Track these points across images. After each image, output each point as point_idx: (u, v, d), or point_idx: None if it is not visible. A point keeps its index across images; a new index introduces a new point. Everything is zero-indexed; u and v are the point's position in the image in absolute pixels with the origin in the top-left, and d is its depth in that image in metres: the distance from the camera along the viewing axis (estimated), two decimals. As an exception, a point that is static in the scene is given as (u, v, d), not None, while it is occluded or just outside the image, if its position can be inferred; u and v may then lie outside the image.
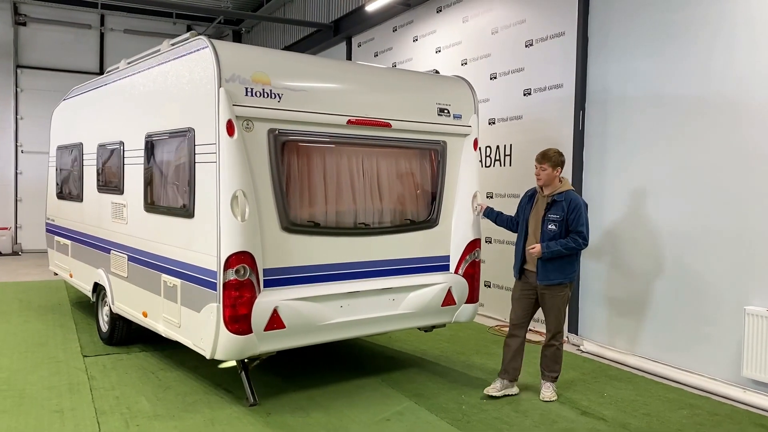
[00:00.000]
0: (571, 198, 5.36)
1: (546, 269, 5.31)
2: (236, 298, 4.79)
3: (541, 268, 5.31)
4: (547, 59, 7.89)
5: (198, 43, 5.05)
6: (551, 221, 5.33)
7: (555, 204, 5.36)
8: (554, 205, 5.36)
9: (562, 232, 5.29)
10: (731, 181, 5.81)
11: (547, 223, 5.34)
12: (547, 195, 5.44)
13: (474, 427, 4.91)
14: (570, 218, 5.29)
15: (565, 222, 5.29)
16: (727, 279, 5.81)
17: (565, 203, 5.32)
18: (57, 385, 5.72)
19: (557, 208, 5.33)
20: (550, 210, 5.36)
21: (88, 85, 7.84)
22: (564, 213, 5.29)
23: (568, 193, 5.40)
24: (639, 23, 6.71)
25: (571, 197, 5.36)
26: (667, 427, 4.96)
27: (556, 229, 5.29)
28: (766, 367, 5.42)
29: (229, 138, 4.76)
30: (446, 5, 9.79)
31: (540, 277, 5.31)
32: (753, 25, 5.63)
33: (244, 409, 5.19)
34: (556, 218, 5.31)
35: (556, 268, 5.31)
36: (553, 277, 5.31)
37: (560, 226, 5.29)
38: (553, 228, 5.30)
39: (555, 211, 5.33)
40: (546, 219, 5.36)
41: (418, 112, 5.87)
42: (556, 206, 5.34)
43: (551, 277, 5.31)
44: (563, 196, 5.37)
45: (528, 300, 5.51)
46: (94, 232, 7.33)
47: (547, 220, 5.35)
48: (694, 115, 6.15)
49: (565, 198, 5.35)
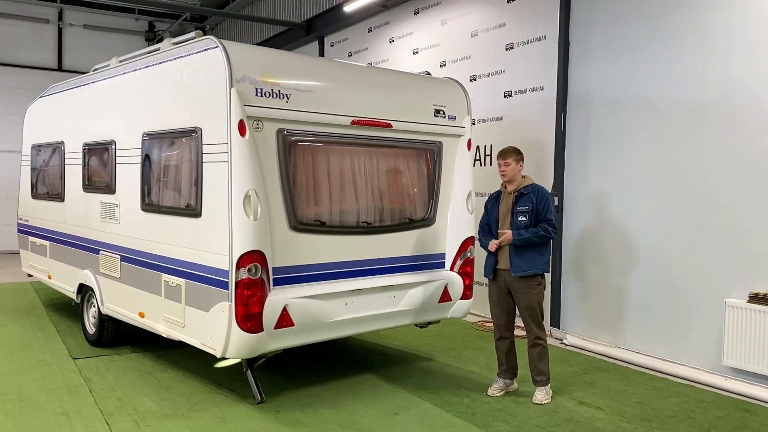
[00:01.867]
0: (538, 189, 5.52)
1: (519, 261, 5.40)
2: (249, 297, 4.83)
3: (515, 261, 5.40)
4: (528, 62, 8.14)
5: (206, 43, 5.06)
6: (521, 213, 5.44)
7: (523, 197, 5.49)
8: (522, 197, 5.48)
9: (532, 222, 5.41)
10: (709, 179, 6.14)
11: (517, 215, 5.44)
12: (512, 190, 5.56)
13: (479, 419, 5.08)
14: (539, 208, 5.42)
15: (534, 212, 5.43)
16: (708, 273, 6.15)
17: (533, 195, 5.47)
18: (54, 387, 5.63)
19: (525, 200, 5.46)
20: (518, 203, 5.48)
21: (71, 83, 7.69)
22: (533, 204, 5.43)
23: (534, 186, 5.56)
24: (620, 29, 7.00)
25: (538, 189, 5.53)
26: (660, 414, 5.23)
27: (527, 220, 5.41)
28: (745, 355, 5.76)
29: (241, 138, 4.80)
30: (423, 7, 9.96)
31: (514, 269, 5.40)
32: (730, 33, 5.97)
33: (252, 407, 5.23)
34: (525, 209, 5.44)
35: (528, 259, 5.41)
36: (527, 268, 5.40)
37: (530, 216, 5.41)
38: (524, 219, 5.42)
39: (524, 203, 5.46)
40: (515, 211, 5.47)
41: (416, 113, 6.01)
42: (524, 198, 5.48)
43: (524, 268, 5.40)
44: (530, 188, 5.52)
45: (506, 300, 5.60)
46: (79, 232, 7.20)
47: (516, 213, 5.46)
48: (673, 118, 6.47)
49: (532, 190, 5.50)
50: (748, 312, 5.73)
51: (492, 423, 5.00)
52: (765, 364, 5.62)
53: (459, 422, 5.01)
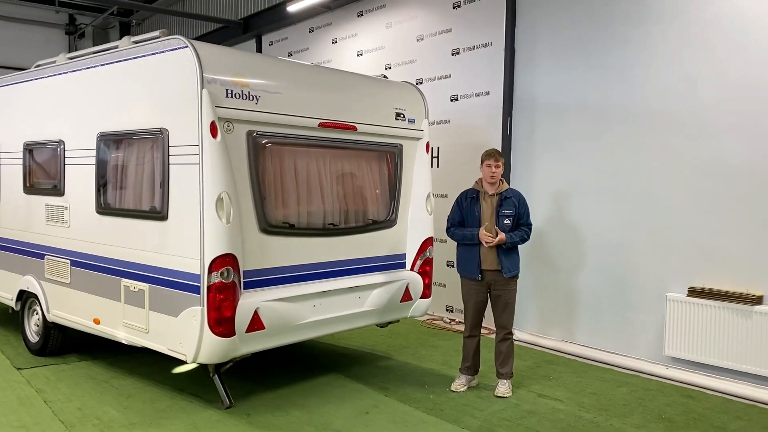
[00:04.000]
0: (518, 194, 5.80)
1: (507, 262, 5.66)
2: (221, 301, 4.78)
3: (504, 262, 5.65)
4: (474, 68, 8.38)
5: (174, 42, 4.95)
6: (506, 216, 5.69)
7: (506, 200, 5.73)
8: (506, 201, 5.73)
9: (514, 225, 5.71)
10: (649, 181, 6.55)
11: (502, 218, 5.69)
12: (494, 193, 5.80)
13: (448, 414, 5.23)
14: (521, 212, 5.71)
15: (516, 216, 5.71)
16: (650, 269, 6.56)
17: (515, 199, 5.74)
18: (4, 400, 5.35)
19: (509, 204, 5.72)
20: (503, 206, 5.72)
21: (6, 80, 7.27)
22: (516, 208, 5.70)
23: (513, 190, 5.83)
24: (564, 38, 7.34)
25: (518, 194, 5.81)
26: (614, 403, 5.55)
27: (510, 224, 5.69)
28: (684, 346, 6.19)
29: (213, 139, 4.74)
30: (368, 10, 10.05)
31: (505, 271, 5.65)
32: (668, 45, 6.39)
33: (221, 411, 5.17)
34: (510, 213, 5.69)
35: (513, 260, 5.71)
36: (513, 269, 5.69)
37: (513, 220, 5.69)
38: (508, 222, 5.68)
39: (507, 207, 5.71)
40: (501, 214, 5.70)
41: (378, 116, 6.10)
42: (507, 202, 5.73)
43: (512, 268, 5.68)
44: (511, 192, 5.78)
45: (483, 300, 5.82)
46: (19, 236, 6.85)
47: (501, 216, 5.70)
48: (614, 123, 6.85)
49: (513, 194, 5.77)
50: (687, 305, 6.16)
51: (461, 418, 5.16)
52: (703, 353, 6.06)
53: (430, 419, 5.14)
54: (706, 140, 6.13)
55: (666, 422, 5.15)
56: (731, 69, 5.95)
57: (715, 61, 6.06)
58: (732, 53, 5.94)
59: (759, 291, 5.78)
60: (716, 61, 6.05)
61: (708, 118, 6.11)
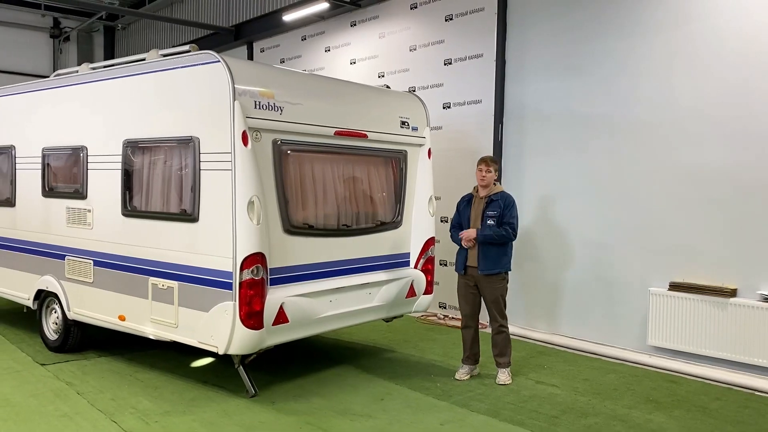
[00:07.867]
0: (506, 197, 6.27)
1: (486, 260, 6.11)
2: (252, 296, 5.17)
3: (482, 260, 6.10)
4: (466, 77, 8.88)
5: (206, 57, 5.33)
6: (490, 217, 6.14)
7: (492, 202, 6.18)
8: (492, 203, 6.18)
9: (498, 226, 6.12)
10: (632, 185, 7.11)
11: (486, 219, 6.14)
12: (484, 196, 6.26)
13: (458, 400, 5.69)
14: (504, 213, 6.15)
15: (500, 217, 6.14)
16: (633, 266, 7.12)
17: (501, 201, 6.19)
18: (39, 392, 5.65)
19: (494, 206, 6.17)
20: (488, 208, 6.17)
21: (23, 87, 7.52)
22: (500, 209, 6.14)
23: (503, 193, 6.31)
24: (553, 51, 7.88)
25: (506, 196, 6.27)
26: (605, 388, 6.09)
27: (494, 224, 6.11)
28: (666, 336, 6.76)
29: (244, 147, 5.14)
30: (361, 21, 10.48)
31: (481, 268, 6.10)
32: (651, 59, 6.96)
33: (247, 400, 5.55)
34: (494, 214, 6.13)
35: (493, 259, 6.12)
36: (491, 267, 6.12)
37: (497, 221, 6.12)
38: (491, 223, 6.11)
39: (493, 209, 6.16)
40: (485, 216, 6.16)
41: (386, 125, 6.55)
42: (493, 204, 6.18)
43: (490, 266, 6.12)
44: (499, 195, 6.25)
45: (472, 294, 6.29)
46: (37, 238, 7.11)
47: (486, 216, 6.15)
48: (600, 131, 7.41)
49: (501, 197, 6.23)
50: (668, 299, 6.73)
51: (469, 402, 5.63)
52: (683, 342, 6.64)
53: (440, 403, 5.60)
54: (685, 148, 6.71)
55: (653, 403, 5.70)
56: (709, 82, 6.54)
57: (694, 74, 6.64)
58: (711, 67, 6.52)
59: (733, 285, 6.38)
60: (695, 74, 6.63)
61: (686, 128, 6.69)
